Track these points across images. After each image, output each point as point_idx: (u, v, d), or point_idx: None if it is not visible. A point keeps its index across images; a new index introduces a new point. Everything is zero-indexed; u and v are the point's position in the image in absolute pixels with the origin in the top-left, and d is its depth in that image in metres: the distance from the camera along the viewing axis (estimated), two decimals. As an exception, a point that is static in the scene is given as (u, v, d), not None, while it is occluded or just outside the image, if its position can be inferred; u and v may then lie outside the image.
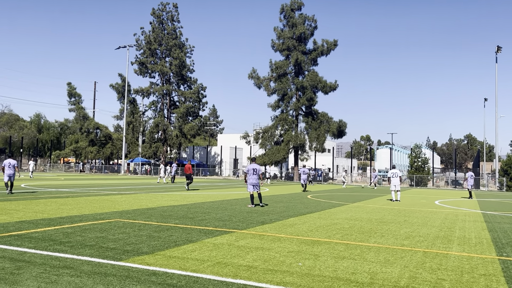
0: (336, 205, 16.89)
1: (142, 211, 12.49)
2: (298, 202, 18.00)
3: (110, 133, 69.97)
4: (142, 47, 63.20)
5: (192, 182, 25.00)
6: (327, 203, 17.77)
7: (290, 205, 16.33)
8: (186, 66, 63.71)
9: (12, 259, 5.85)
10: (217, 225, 9.92)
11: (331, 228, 10.18)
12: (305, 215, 12.75)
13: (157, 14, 63.25)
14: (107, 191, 21.14)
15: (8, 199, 14.69)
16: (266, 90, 53.71)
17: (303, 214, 13.16)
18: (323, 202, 18.51)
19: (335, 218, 12.36)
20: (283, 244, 7.78)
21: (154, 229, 9.07)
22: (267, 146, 53.47)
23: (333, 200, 19.73)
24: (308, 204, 17.13)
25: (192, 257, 6.41)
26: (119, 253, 6.52)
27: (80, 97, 67.11)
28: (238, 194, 21.70)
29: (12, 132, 71.58)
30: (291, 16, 52.95)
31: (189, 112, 63.16)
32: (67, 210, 12.10)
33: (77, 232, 8.27)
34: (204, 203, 15.91)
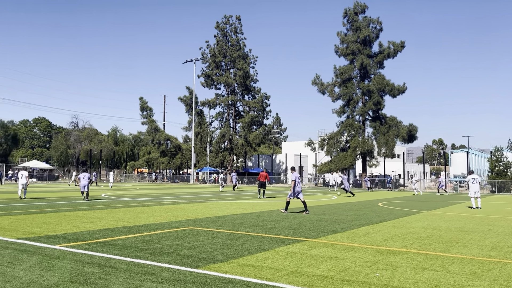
0: (410, 213, 16.14)
1: (214, 219, 12.80)
2: (369, 210, 17.45)
3: (179, 144, 72.78)
4: (208, 60, 65.27)
5: (265, 189, 25.10)
6: (400, 211, 17.04)
7: (360, 213, 15.88)
8: (250, 76, 64.74)
9: (100, 265, 6.25)
10: (287, 234, 9.89)
11: (407, 237, 9.74)
12: (378, 224, 12.32)
13: (221, 27, 65.09)
14: (179, 200, 21.94)
15: (92, 208, 15.76)
16: (331, 96, 52.99)
17: (376, 222, 12.72)
18: (395, 210, 17.79)
19: (410, 226, 11.81)
20: (358, 254, 7.57)
21: (227, 237, 9.24)
22: (333, 153, 52.60)
23: (407, 208, 18.88)
24: (380, 212, 16.55)
25: (266, 266, 6.44)
26: (196, 260, 6.71)
27: (152, 111, 70.59)
28: (307, 202, 21.49)
29: (92, 145, 76.98)
30: (355, 20, 51.96)
31: (253, 121, 64.00)
32: (144, 218, 12.72)
33: (155, 240, 8.65)
34: (273, 211, 15.95)
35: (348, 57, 52.32)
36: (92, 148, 74.96)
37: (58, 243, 8.00)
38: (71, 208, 15.59)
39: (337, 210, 16.81)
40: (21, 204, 17.37)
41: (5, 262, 6.32)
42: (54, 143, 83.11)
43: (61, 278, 5.46)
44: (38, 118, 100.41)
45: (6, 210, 14.46)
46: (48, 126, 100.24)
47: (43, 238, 8.63)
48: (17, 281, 5.26)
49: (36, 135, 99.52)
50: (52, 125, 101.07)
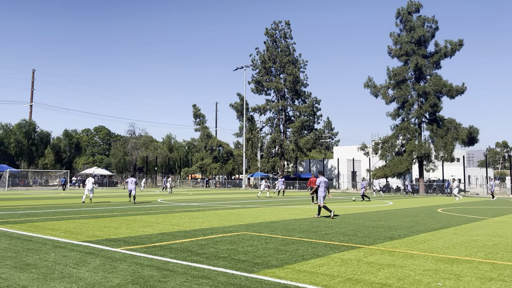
0: (472, 220, 15.28)
1: (266, 224, 12.81)
2: (428, 216, 16.72)
3: (231, 150, 73.80)
4: (258, 67, 65.87)
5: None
6: (462, 218, 16.18)
7: (418, 219, 15.25)
8: (300, 81, 64.53)
9: (158, 268, 6.44)
10: (342, 240, 9.69)
11: (471, 245, 9.21)
12: (437, 231, 11.77)
13: (270, 33, 65.52)
14: (232, 205, 22.20)
15: (149, 213, 16.33)
16: (384, 98, 51.54)
17: (435, 229, 12.16)
18: (456, 216, 16.91)
19: (473, 234, 11.17)
20: (417, 262, 7.26)
21: (280, 242, 9.21)
22: (387, 157, 51.06)
23: (468, 214, 17.89)
24: (439, 218, 15.80)
25: (321, 272, 6.34)
26: (250, 265, 6.74)
27: (204, 118, 72.19)
28: (360, 208, 21.01)
29: (148, 152, 79.94)
30: (409, 20, 50.34)
31: (304, 126, 63.63)
32: (199, 223, 12.98)
33: (210, 244, 8.79)
34: (326, 217, 15.71)
35: (402, 58, 50.73)
36: (148, 155, 77.82)
37: (119, 246, 8.34)
38: (130, 213, 16.25)
39: (393, 216, 16.26)
40: (84, 208, 18.34)
41: (71, 263, 6.69)
42: (113, 151, 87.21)
43: (123, 280, 5.68)
44: (98, 126, 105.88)
45: (71, 214, 15.32)
46: (107, 134, 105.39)
47: (105, 241, 9.04)
48: (82, 282, 5.54)
49: (97, 143, 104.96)
50: (111, 133, 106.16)
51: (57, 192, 39.08)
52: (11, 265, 6.50)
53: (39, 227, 11.30)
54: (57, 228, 11.23)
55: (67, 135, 70.52)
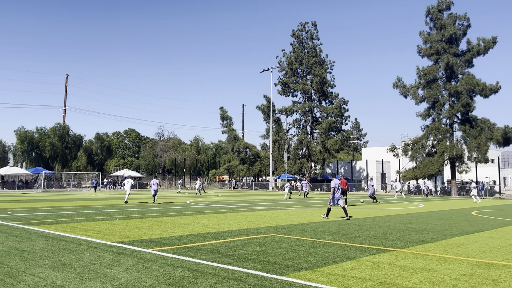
0: (509, 223, 14.75)
1: (295, 226, 12.76)
2: (461, 219, 16.26)
3: (258, 152, 73.93)
4: (284, 68, 65.77)
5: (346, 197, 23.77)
6: (498, 221, 15.64)
7: (451, 222, 14.84)
8: (327, 82, 64.02)
9: (189, 269, 6.52)
10: (373, 243, 9.55)
11: (509, 249, 8.90)
12: (472, 234, 11.42)
13: (297, 35, 65.32)
14: (259, 206, 22.22)
15: (178, 215, 16.54)
16: (414, 98, 50.50)
17: (470, 232, 11.80)
18: (491, 219, 16.37)
19: (511, 238, 10.78)
20: (452, 266, 7.07)
21: (310, 245, 9.16)
22: (418, 159, 49.97)
23: (505, 217, 17.29)
24: (474, 221, 15.33)
25: (352, 275, 6.26)
26: (280, 267, 6.73)
27: (231, 120, 72.61)
28: (391, 211, 20.64)
29: (177, 154, 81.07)
30: (439, 18, 49.18)
31: (331, 127, 63.06)
32: (228, 224, 13.05)
33: (239, 246, 8.83)
34: (355, 219, 15.51)
35: (432, 57, 49.61)
36: (176, 157, 78.91)
37: (151, 247, 8.49)
38: (160, 214, 16.51)
39: (425, 219, 15.88)
40: (116, 210, 18.77)
41: (105, 263, 6.85)
42: (142, 153, 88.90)
43: (155, 280, 5.78)
44: (128, 129, 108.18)
45: (103, 215, 15.71)
46: (137, 137, 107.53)
47: (137, 242, 9.22)
48: (117, 282, 5.66)
49: (127, 146, 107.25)
50: (140, 136, 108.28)
51: (89, 194, 40.14)
52: (48, 264, 6.72)
53: (74, 228, 11.64)
54: (91, 229, 11.54)
55: (99, 138, 72.39)
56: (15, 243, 8.88)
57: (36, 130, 65.56)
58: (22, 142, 62.98)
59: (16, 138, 63.92)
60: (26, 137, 63.19)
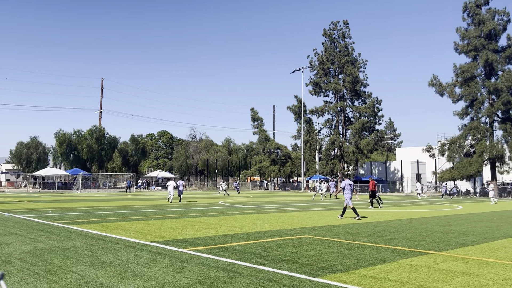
0: (555, 226, 14.04)
1: (329, 228, 12.61)
2: (503, 221, 15.62)
3: (289, 152, 73.68)
4: (315, 68, 65.24)
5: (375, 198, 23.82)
6: (543, 224, 14.91)
7: (493, 225, 14.28)
8: (360, 81, 63.03)
9: (224, 269, 6.55)
10: (410, 245, 9.30)
11: (556, 254, 8.46)
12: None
13: (328, 34, 64.68)
14: (291, 207, 22.12)
15: (211, 215, 16.70)
16: (451, 97, 48.96)
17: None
18: (536, 222, 15.63)
19: (558, 242, 10.25)
20: (495, 270, 6.79)
21: (344, 246, 9.02)
22: (455, 159, 48.42)
23: (550, 220, 16.46)
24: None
25: (389, 278, 6.12)
26: (315, 269, 6.66)
27: (262, 121, 72.72)
28: (427, 212, 20.08)
29: (209, 155, 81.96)
30: (477, 13, 47.50)
31: (364, 127, 62.01)
32: (260, 225, 13.06)
33: (272, 247, 8.80)
34: (391, 221, 15.18)
35: (470, 54, 47.96)
36: (208, 158, 79.76)
37: (185, 247, 8.60)
38: (193, 215, 16.71)
39: (464, 221, 15.36)
40: (150, 210, 19.15)
41: (142, 263, 6.99)
42: (175, 154, 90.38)
43: (191, 280, 5.84)
44: (162, 131, 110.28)
45: (138, 216, 16.06)
46: (170, 139, 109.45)
47: (172, 242, 9.36)
48: (154, 281, 5.76)
49: (160, 147, 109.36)
50: (173, 137, 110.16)
51: (124, 194, 41.16)
52: (88, 262, 6.92)
53: (111, 227, 11.95)
54: (127, 228, 11.81)
55: (133, 139, 74.13)
56: (57, 241, 9.20)
57: (73, 132, 67.86)
58: (61, 144, 65.31)
59: (55, 141, 66.37)
60: (65, 140, 65.49)
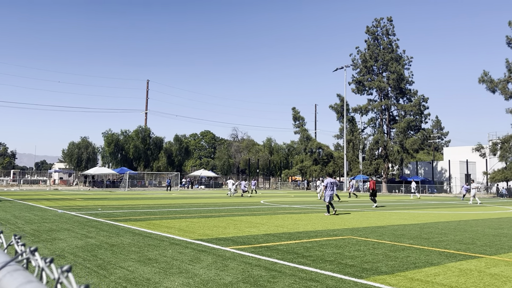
0: None
1: (373, 229, 12.36)
2: (562, 225, 14.67)
3: (331, 152, 72.76)
4: (358, 66, 64.03)
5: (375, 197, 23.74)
6: None
7: (550, 228, 13.45)
8: (405, 79, 61.23)
9: (267, 268, 6.59)
10: (458, 248, 8.95)
11: None
12: None
13: (371, 31, 63.31)
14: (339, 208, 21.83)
15: (253, 214, 16.81)
16: (503, 93, 46.57)
17: None
18: None
19: None
20: (553, 277, 6.40)
21: (389, 248, 8.82)
22: (508, 159, 46.02)
23: None
24: None
25: (437, 282, 5.92)
26: (359, 270, 6.56)
27: (303, 120, 72.22)
28: (477, 215, 19.22)
29: (250, 155, 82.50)
30: (531, 4, 44.91)
31: (410, 126, 60.15)
32: (303, 225, 13.00)
33: (315, 247, 8.75)
34: (438, 223, 14.66)
35: (524, 47, 45.41)
36: (250, 158, 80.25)
37: (228, 245, 8.72)
38: (236, 213, 16.89)
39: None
40: (194, 208, 19.54)
41: (187, 260, 7.16)
42: (217, 154, 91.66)
43: (234, 278, 5.92)
44: (204, 131, 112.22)
45: (182, 214, 16.43)
46: (212, 138, 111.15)
47: (215, 240, 9.52)
48: (198, 278, 5.89)
49: (203, 147, 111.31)
50: (215, 137, 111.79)
51: (169, 193, 42.23)
52: (135, 259, 7.17)
53: (156, 225, 12.31)
54: (172, 226, 12.12)
55: (177, 139, 75.89)
56: (106, 237, 9.60)
57: (121, 133, 70.36)
58: (109, 144, 67.93)
59: (104, 141, 69.13)
60: (113, 140, 68.05)
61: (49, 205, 20.20)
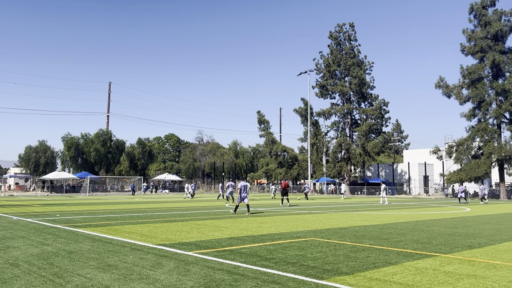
0: None
1: (335, 230, 12.60)
2: (511, 223, 15.48)
3: (296, 155, 73.60)
4: (322, 70, 65.23)
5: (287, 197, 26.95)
6: (552, 226, 14.77)
7: (500, 227, 14.17)
8: (366, 83, 62.90)
9: (229, 272, 6.58)
10: (416, 248, 9.27)
11: None
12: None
13: (334, 36, 64.67)
14: (298, 210, 22.10)
15: (217, 218, 16.74)
16: (458, 98, 48.71)
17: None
18: (545, 224, 15.48)
19: None
20: (501, 273, 6.74)
21: (350, 249, 9.01)
22: (463, 161, 48.10)
23: (559, 222, 16.29)
24: (525, 226, 14.55)
25: (394, 281, 6.11)
26: (320, 271, 6.66)
27: (269, 123, 72.76)
28: (434, 215, 19.96)
29: (215, 158, 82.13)
30: (483, 14, 47.27)
31: (371, 130, 61.84)
32: (266, 228, 13.07)
33: (278, 250, 8.82)
34: (397, 223, 15.12)
35: (476, 55, 47.74)
36: (215, 161, 79.89)
37: (191, 250, 8.64)
38: (200, 217, 16.76)
39: (471, 223, 15.25)
40: (157, 213, 19.23)
41: (148, 265, 7.04)
42: (182, 157, 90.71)
43: (196, 282, 5.87)
44: (169, 134, 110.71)
45: (145, 219, 16.13)
46: (177, 142, 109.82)
47: (178, 244, 9.41)
48: (159, 284, 5.80)
49: (167, 150, 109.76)
50: (180, 140, 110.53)
51: (132, 198, 41.35)
52: (94, 265, 6.98)
53: (118, 230, 12.02)
54: (134, 231, 11.88)
55: (141, 143, 74.49)
56: (64, 244, 9.29)
57: (81, 136, 68.30)
58: (69, 148, 65.77)
59: (63, 145, 66.87)
60: (72, 143, 65.93)
61: (3, 211, 19.33)
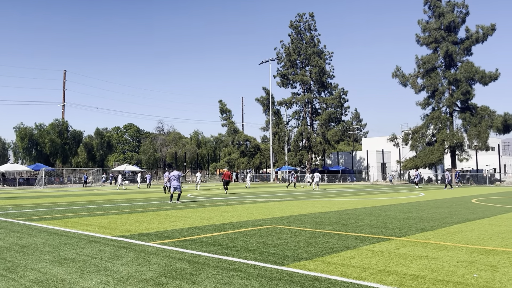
0: (509, 210, 14.80)
1: (296, 217, 12.81)
2: (462, 207, 16.31)
3: (258, 144, 73.93)
4: (283, 60, 65.54)
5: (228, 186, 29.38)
6: (498, 208, 15.69)
7: (452, 210, 14.90)
8: (326, 73, 63.84)
9: (190, 261, 6.56)
10: (373, 232, 9.59)
11: (508, 235, 8.94)
12: (472, 222, 11.47)
13: (294, 26, 65.03)
14: (260, 198, 22.29)
15: (179, 208, 16.59)
16: (413, 87, 50.42)
17: (470, 220, 11.85)
18: (491, 206, 16.42)
19: (510, 224, 10.82)
20: (451, 253, 7.10)
21: (310, 235, 9.20)
22: (418, 148, 50.02)
23: (505, 205, 17.34)
24: (474, 209, 15.39)
25: (352, 264, 6.30)
26: (280, 258, 6.77)
27: (231, 113, 72.51)
28: (391, 200, 20.70)
29: (177, 148, 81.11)
30: (437, 6, 48.93)
31: (331, 118, 63.00)
32: (228, 217, 13.10)
33: (240, 238, 8.87)
34: (356, 209, 15.57)
35: (431, 45, 49.46)
36: (177, 151, 78.94)
37: (151, 241, 8.53)
38: (161, 208, 16.56)
39: (425, 208, 15.94)
40: (117, 204, 18.83)
41: (106, 257, 6.89)
42: (142, 148, 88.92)
43: (156, 273, 5.81)
44: (128, 124, 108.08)
45: (104, 210, 15.76)
46: (137, 132, 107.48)
47: (138, 235, 9.26)
48: (117, 275, 5.70)
49: (127, 141, 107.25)
50: (140, 130, 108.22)
51: (90, 189, 40.24)
52: (49, 259, 6.76)
53: (75, 223, 11.68)
54: (92, 223, 11.59)
55: (99, 133, 72.35)
56: (17, 239, 8.93)
57: (35, 126, 65.48)
58: (22, 139, 62.97)
59: (16, 135, 63.92)
60: (26, 134, 63.14)
61: (-50, 207, 18.29)
